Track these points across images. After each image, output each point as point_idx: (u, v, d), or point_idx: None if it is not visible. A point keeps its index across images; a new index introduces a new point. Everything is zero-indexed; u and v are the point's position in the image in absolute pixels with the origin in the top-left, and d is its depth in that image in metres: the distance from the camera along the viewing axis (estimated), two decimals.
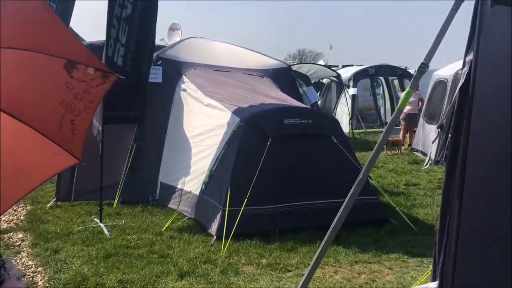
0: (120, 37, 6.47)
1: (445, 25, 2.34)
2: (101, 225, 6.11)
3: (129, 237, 5.83)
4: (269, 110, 6.51)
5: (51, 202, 7.06)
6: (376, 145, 2.69)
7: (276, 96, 7.29)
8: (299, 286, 2.95)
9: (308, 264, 5.30)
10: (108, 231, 5.94)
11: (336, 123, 6.97)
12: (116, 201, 7.03)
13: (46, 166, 2.25)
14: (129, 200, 7.10)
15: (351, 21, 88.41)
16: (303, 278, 3.02)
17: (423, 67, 2.34)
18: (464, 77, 2.08)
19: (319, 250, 2.84)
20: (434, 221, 6.98)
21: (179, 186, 6.93)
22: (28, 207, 7.03)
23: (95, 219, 6.36)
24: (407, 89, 2.56)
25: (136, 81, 6.68)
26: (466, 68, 2.08)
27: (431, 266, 5.42)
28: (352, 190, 2.73)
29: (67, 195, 7.19)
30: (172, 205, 6.91)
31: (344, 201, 6.39)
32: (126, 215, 6.70)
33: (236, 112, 6.49)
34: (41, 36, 2.12)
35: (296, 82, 8.61)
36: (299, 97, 8.21)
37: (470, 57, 2.04)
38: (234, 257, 5.32)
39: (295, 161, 6.34)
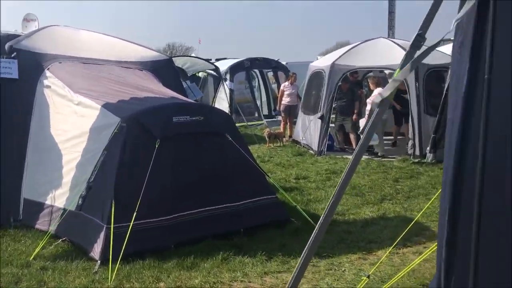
0: None
1: None
2: None
3: None
4: (155, 107, 5.67)
5: None
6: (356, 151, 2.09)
7: (160, 91, 6.45)
8: None
9: (214, 283, 4.70)
10: None
11: (230, 119, 6.38)
12: None
13: None
14: None
15: (218, 15, 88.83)
16: None
17: (419, 40, 1.80)
18: None
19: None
20: (333, 216, 6.73)
21: (48, 202, 5.79)
22: None
23: None
24: (397, 70, 2.00)
25: None
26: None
27: (343, 268, 5.17)
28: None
29: None
30: (40, 225, 5.74)
31: (243, 203, 5.94)
32: None
33: (115, 111, 5.55)
34: None
35: (179, 76, 7.83)
36: (184, 92, 7.44)
37: None
38: (126, 285, 4.45)
39: (187, 164, 5.60)
